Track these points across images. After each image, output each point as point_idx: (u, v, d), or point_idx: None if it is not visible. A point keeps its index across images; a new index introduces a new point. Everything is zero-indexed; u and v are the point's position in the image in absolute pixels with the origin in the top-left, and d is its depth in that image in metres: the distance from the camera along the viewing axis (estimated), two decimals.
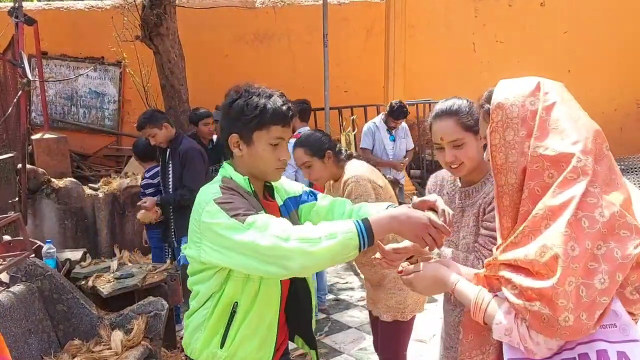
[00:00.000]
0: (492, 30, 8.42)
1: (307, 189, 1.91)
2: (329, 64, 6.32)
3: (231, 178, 1.65)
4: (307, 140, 2.72)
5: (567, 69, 8.07)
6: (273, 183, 1.77)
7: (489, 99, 1.34)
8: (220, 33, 7.89)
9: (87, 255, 3.94)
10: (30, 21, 5.89)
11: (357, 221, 1.43)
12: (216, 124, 5.27)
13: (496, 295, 1.28)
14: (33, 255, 3.37)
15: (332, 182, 2.82)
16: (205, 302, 1.64)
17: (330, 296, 4.76)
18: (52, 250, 3.77)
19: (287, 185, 1.86)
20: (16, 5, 5.59)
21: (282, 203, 1.78)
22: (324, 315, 4.41)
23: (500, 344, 1.29)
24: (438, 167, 1.96)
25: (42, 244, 3.86)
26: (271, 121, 1.58)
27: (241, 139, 1.61)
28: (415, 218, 1.44)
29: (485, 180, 1.80)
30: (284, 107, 1.60)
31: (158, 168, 4.30)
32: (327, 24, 6.24)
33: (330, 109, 6.61)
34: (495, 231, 1.57)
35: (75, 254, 3.94)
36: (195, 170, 3.99)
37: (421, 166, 7.82)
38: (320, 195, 1.90)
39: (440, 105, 1.83)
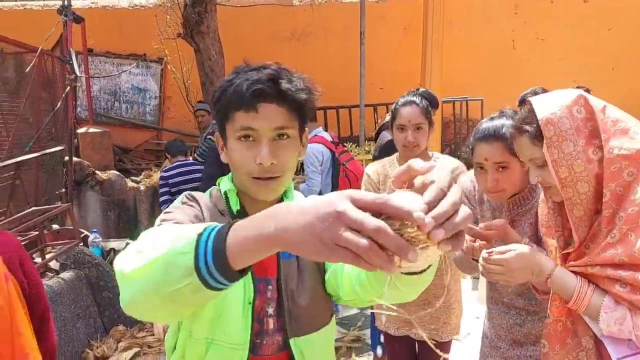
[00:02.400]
0: (532, 27, 8.26)
1: None
2: (365, 62, 6.34)
3: (218, 188, 1.18)
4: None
5: (611, 66, 7.85)
6: None
7: (527, 121, 1.31)
8: (258, 31, 8.00)
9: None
10: (79, 19, 6.12)
11: (212, 228, 0.73)
12: (202, 115, 5.50)
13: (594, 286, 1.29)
14: (81, 244, 3.54)
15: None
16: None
17: None
18: (97, 240, 3.94)
19: None
20: (65, 3, 5.82)
21: None
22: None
23: (596, 347, 1.29)
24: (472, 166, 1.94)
25: (88, 233, 4.04)
26: (231, 105, 1.07)
27: (221, 137, 1.14)
28: (323, 214, 0.62)
29: (533, 186, 1.73)
30: (245, 84, 1.04)
31: (179, 169, 4.32)
32: (365, 21, 6.26)
33: (365, 106, 6.64)
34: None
35: (119, 244, 4.11)
36: (205, 172, 3.84)
37: None
38: None
39: (487, 125, 1.71)
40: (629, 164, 1.19)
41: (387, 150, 3.09)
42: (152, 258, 0.73)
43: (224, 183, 1.17)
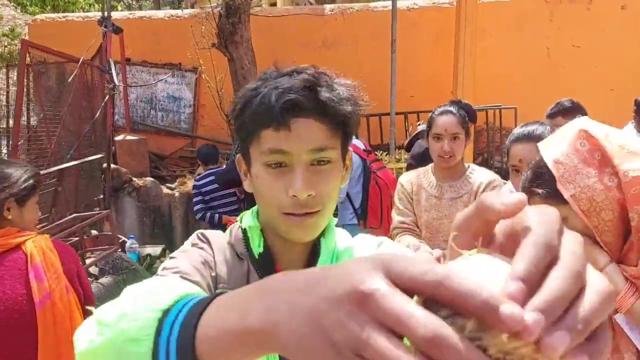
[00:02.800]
0: (568, 34, 8.12)
1: None
2: (396, 70, 6.35)
3: (240, 224, 0.94)
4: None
5: None
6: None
7: (535, 183, 1.32)
8: (290, 40, 8.09)
9: (166, 251, 4.20)
10: (118, 30, 6.32)
11: (185, 302, 0.50)
12: None
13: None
14: (119, 249, 3.65)
15: (434, 183, 2.38)
16: None
17: None
18: (134, 246, 4.06)
19: None
20: (105, 15, 6.02)
21: None
22: None
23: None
24: (506, 174, 1.99)
25: (125, 239, 4.16)
26: (256, 121, 0.82)
27: (244, 161, 0.91)
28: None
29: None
30: (275, 94, 0.79)
31: (211, 177, 4.27)
32: (396, 29, 6.28)
33: (396, 114, 6.63)
34: None
35: (155, 250, 4.22)
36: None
37: None
38: None
39: (522, 130, 1.83)
40: None
41: (422, 158, 3.09)
42: (103, 340, 0.53)
43: (247, 218, 0.93)
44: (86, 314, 1.44)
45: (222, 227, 4.33)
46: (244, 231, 0.91)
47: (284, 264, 0.89)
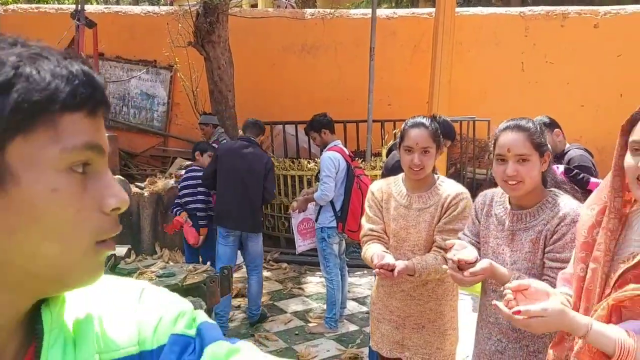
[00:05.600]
0: (542, 50, 8.27)
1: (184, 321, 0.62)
2: (374, 77, 6.36)
3: None
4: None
5: (620, 92, 7.84)
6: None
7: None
8: (269, 42, 8.04)
9: (132, 252, 4.08)
10: (91, 24, 6.17)
11: None
12: (203, 127, 5.73)
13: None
14: None
15: (403, 192, 2.35)
16: None
17: (364, 308, 4.76)
18: None
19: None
20: (79, 8, 5.88)
21: None
22: (356, 327, 4.41)
23: None
24: (478, 185, 1.98)
25: None
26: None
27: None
28: None
29: (542, 206, 1.78)
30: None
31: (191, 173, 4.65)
32: (375, 37, 6.29)
33: (373, 121, 6.64)
34: (566, 262, 1.58)
35: (120, 250, 4.09)
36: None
37: (462, 183, 7.71)
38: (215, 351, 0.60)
39: (512, 121, 1.82)
40: None
41: (394, 170, 3.09)
42: None
43: None
44: None
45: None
46: None
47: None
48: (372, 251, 2.26)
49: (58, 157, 0.51)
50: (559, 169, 3.22)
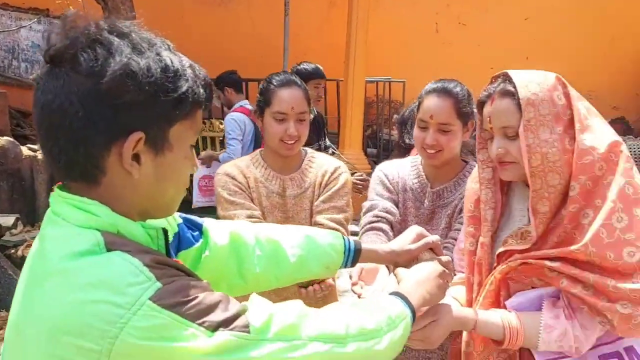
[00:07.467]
0: (455, 12, 8.39)
1: (180, 217, 1.11)
2: (289, 34, 6.14)
3: (117, 231, 0.81)
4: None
5: (526, 55, 8.15)
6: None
7: (510, 90, 1.21)
8: None
9: (19, 222, 3.72)
10: None
11: (402, 300, 1.01)
12: None
13: (509, 311, 1.23)
14: None
15: (269, 174, 1.91)
16: None
17: None
18: None
19: None
20: None
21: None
22: None
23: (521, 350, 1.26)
24: (394, 146, 1.90)
25: None
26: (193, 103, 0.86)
27: (147, 141, 0.81)
28: (437, 278, 1.12)
29: (459, 181, 1.75)
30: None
31: None
32: None
33: None
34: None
35: (7, 220, 3.71)
36: None
37: (378, 145, 7.79)
38: (209, 224, 1.14)
39: (440, 83, 1.71)
40: (601, 157, 1.16)
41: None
42: (395, 336, 0.96)
43: (115, 219, 0.82)
44: None
45: None
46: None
47: (162, 247, 0.94)
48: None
49: (192, 138, 0.89)
50: None
